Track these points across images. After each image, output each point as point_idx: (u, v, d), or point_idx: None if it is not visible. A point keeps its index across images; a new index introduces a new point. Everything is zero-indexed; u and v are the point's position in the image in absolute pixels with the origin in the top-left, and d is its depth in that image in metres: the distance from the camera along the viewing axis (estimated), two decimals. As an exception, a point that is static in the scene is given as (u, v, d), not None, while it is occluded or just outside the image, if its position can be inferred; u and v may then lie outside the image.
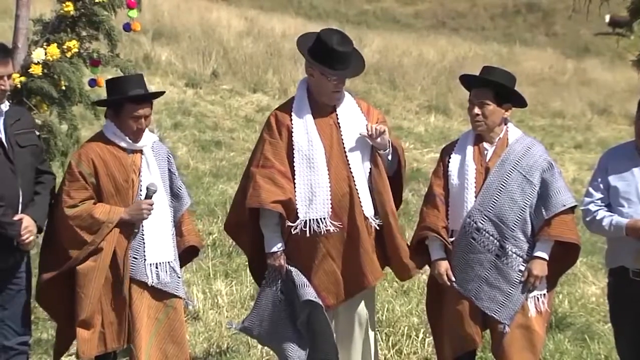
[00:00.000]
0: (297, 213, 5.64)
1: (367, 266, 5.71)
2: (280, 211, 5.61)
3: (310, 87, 5.79)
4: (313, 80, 5.75)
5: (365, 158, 5.74)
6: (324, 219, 5.64)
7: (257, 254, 5.83)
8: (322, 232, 5.65)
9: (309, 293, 5.66)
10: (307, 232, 5.64)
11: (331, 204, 5.64)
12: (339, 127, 5.74)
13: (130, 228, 5.53)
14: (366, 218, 5.70)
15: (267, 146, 5.72)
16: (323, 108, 5.77)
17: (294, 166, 5.66)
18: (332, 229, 5.65)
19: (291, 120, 5.72)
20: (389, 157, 5.81)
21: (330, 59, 5.62)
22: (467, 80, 5.79)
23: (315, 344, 5.75)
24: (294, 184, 5.65)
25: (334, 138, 5.71)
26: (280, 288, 5.77)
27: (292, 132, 5.69)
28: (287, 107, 5.81)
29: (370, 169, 5.75)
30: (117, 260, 5.51)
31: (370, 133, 5.67)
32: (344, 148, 5.71)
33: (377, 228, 5.75)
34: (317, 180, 5.65)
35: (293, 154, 5.67)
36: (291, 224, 5.65)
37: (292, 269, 5.70)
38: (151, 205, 5.53)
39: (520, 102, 5.78)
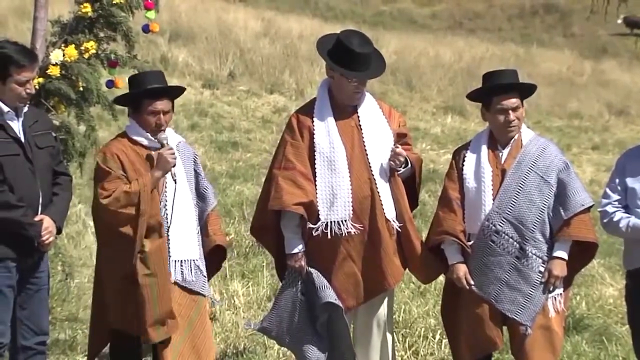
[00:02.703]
0: (318, 215, 5.64)
1: (388, 268, 5.70)
2: (302, 213, 5.61)
3: (331, 88, 5.79)
4: (333, 81, 5.75)
5: (387, 160, 5.74)
6: (345, 221, 5.63)
7: (282, 255, 5.83)
8: (343, 234, 5.64)
9: (329, 295, 5.65)
10: (328, 234, 5.64)
11: (352, 206, 5.63)
12: (361, 128, 5.73)
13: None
14: (387, 220, 5.69)
15: (288, 148, 5.72)
16: (344, 109, 5.77)
17: (315, 168, 5.67)
18: (353, 231, 5.65)
19: (312, 121, 5.72)
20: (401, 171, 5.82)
21: (350, 61, 5.61)
22: (487, 89, 5.73)
23: (332, 345, 5.76)
24: (315, 185, 5.65)
25: (355, 140, 5.71)
26: (300, 289, 5.77)
27: (313, 133, 5.69)
28: (308, 109, 5.81)
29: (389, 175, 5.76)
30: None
31: (391, 156, 5.69)
32: (366, 150, 5.70)
33: (399, 230, 5.74)
34: (338, 182, 5.64)
35: (314, 155, 5.67)
36: (312, 226, 5.65)
37: (313, 270, 5.70)
38: (171, 150, 5.54)
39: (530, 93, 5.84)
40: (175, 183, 5.59)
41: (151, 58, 16.96)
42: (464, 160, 5.73)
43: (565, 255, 5.56)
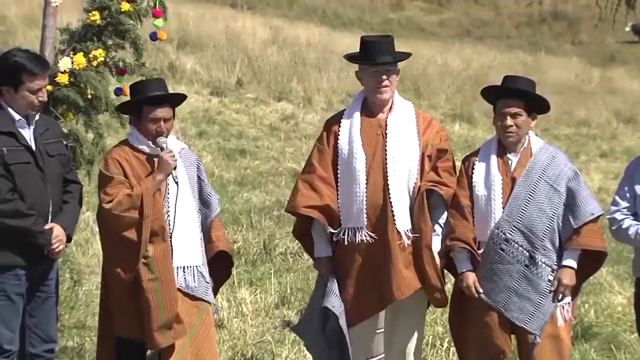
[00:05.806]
0: (340, 220, 5.70)
1: (394, 279, 5.65)
2: (315, 216, 5.67)
3: (365, 94, 5.84)
4: (362, 82, 5.83)
5: (409, 171, 5.72)
6: (361, 228, 5.67)
7: None
8: (358, 242, 5.68)
9: (329, 301, 5.69)
10: (345, 240, 5.68)
11: (366, 213, 5.67)
12: (386, 137, 5.74)
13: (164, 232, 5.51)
14: (399, 232, 5.67)
15: (315, 152, 5.83)
16: (373, 117, 5.79)
17: (337, 173, 5.72)
18: (366, 239, 5.67)
19: (339, 127, 5.80)
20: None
21: (367, 52, 5.72)
22: (494, 92, 5.73)
23: (339, 354, 5.76)
24: (338, 190, 5.70)
25: (377, 148, 5.72)
26: (322, 293, 5.81)
27: (338, 138, 5.76)
28: (338, 115, 5.92)
29: (417, 198, 5.70)
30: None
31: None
32: (386, 158, 5.69)
33: (408, 243, 5.68)
34: (355, 189, 5.69)
35: (338, 161, 5.73)
36: (333, 231, 5.71)
37: (332, 276, 5.75)
38: (170, 152, 5.52)
39: (543, 109, 5.74)
40: (177, 185, 5.57)
41: (159, 66, 16.99)
42: (473, 168, 5.73)
43: (574, 264, 5.55)
